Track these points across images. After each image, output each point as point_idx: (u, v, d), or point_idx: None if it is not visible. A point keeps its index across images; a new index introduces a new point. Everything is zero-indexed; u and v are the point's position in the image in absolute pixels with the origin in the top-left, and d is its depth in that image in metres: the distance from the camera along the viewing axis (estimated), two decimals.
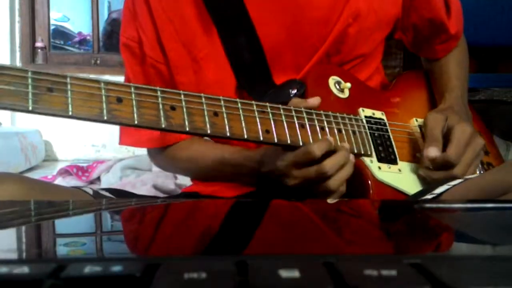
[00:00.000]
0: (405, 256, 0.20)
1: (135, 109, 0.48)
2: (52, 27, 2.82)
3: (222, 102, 0.54)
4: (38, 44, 2.65)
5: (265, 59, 0.69)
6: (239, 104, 0.55)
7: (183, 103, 0.51)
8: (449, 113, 0.69)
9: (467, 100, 0.79)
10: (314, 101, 0.63)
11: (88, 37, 3.03)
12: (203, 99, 0.53)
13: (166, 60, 0.71)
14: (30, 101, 0.42)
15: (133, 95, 0.48)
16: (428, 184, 0.67)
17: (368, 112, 0.69)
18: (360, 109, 0.68)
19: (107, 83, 0.48)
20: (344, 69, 0.73)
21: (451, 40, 0.81)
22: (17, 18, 2.60)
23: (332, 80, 0.69)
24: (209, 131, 0.52)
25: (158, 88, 0.50)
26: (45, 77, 0.44)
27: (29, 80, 0.43)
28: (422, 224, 0.30)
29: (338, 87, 0.69)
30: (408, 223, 0.31)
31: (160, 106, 0.49)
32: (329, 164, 0.56)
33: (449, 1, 0.79)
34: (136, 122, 0.48)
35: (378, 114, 0.70)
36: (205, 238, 0.25)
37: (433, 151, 0.64)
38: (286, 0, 0.68)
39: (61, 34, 3.17)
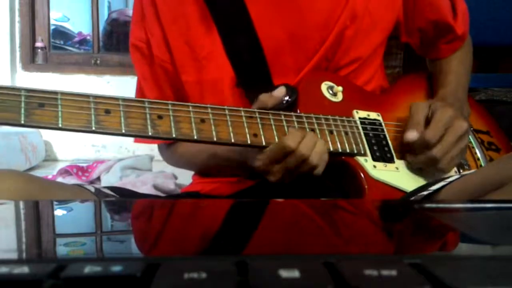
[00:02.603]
0: (405, 256, 0.20)
1: (122, 119, 0.51)
2: (52, 27, 2.82)
3: (209, 109, 0.56)
4: (38, 44, 2.65)
5: (265, 60, 0.70)
6: (227, 111, 0.57)
7: (170, 112, 0.54)
8: (433, 101, 0.69)
9: (465, 98, 0.79)
10: (278, 91, 0.63)
11: (88, 37, 3.03)
12: (191, 107, 0.55)
13: (172, 59, 0.73)
14: (22, 116, 0.47)
15: (121, 107, 0.52)
16: (427, 181, 0.67)
17: (363, 113, 0.70)
18: (354, 111, 0.69)
19: (96, 96, 0.51)
20: (337, 74, 0.74)
21: (457, 41, 0.82)
22: (17, 18, 2.60)
23: (324, 86, 0.70)
24: (195, 137, 0.54)
25: (146, 99, 0.54)
26: (37, 94, 0.48)
27: (22, 98, 0.47)
28: (422, 224, 0.30)
29: (331, 91, 0.70)
30: (408, 223, 0.31)
31: (148, 115, 0.53)
32: (304, 148, 0.58)
33: (456, 3, 0.80)
34: (123, 131, 0.51)
35: (374, 115, 0.71)
36: (205, 238, 0.25)
37: (411, 134, 0.64)
38: (287, 3, 0.69)
39: (61, 34, 3.17)
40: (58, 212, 0.34)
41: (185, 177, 1.02)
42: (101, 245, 0.25)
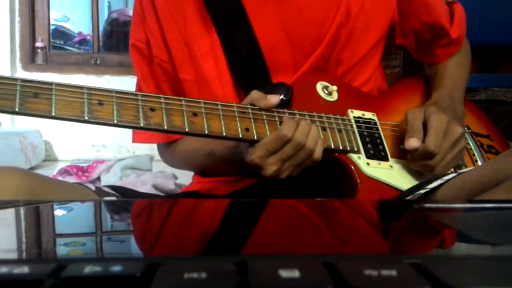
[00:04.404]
0: (405, 256, 0.20)
1: (115, 110, 0.52)
2: (52, 27, 2.82)
3: (202, 104, 0.57)
4: (38, 44, 2.64)
5: (262, 58, 0.70)
6: (219, 105, 0.58)
7: (163, 105, 0.55)
8: (427, 106, 0.70)
9: (460, 100, 0.79)
10: (274, 98, 0.62)
11: (88, 37, 3.02)
12: (183, 101, 0.56)
13: (171, 59, 0.73)
14: (17, 103, 0.48)
15: (114, 99, 0.52)
16: (420, 179, 0.67)
17: (358, 113, 0.70)
18: (349, 111, 0.70)
19: (90, 88, 0.52)
20: (332, 74, 0.74)
21: (453, 45, 0.82)
22: (17, 18, 2.60)
23: (319, 85, 0.70)
24: (187, 129, 0.55)
25: (139, 93, 0.55)
26: (33, 84, 0.49)
27: (18, 87, 0.48)
28: (422, 224, 0.30)
29: (326, 91, 0.70)
30: (408, 223, 0.31)
31: (140, 108, 0.53)
32: (299, 135, 0.58)
33: (453, 8, 0.81)
34: (115, 122, 0.52)
35: (369, 114, 0.71)
36: (205, 238, 0.25)
37: (413, 142, 0.65)
38: (284, 1, 0.69)
39: (61, 34, 3.17)
40: (58, 212, 0.34)
41: (185, 177, 1.02)
42: (101, 245, 0.25)
